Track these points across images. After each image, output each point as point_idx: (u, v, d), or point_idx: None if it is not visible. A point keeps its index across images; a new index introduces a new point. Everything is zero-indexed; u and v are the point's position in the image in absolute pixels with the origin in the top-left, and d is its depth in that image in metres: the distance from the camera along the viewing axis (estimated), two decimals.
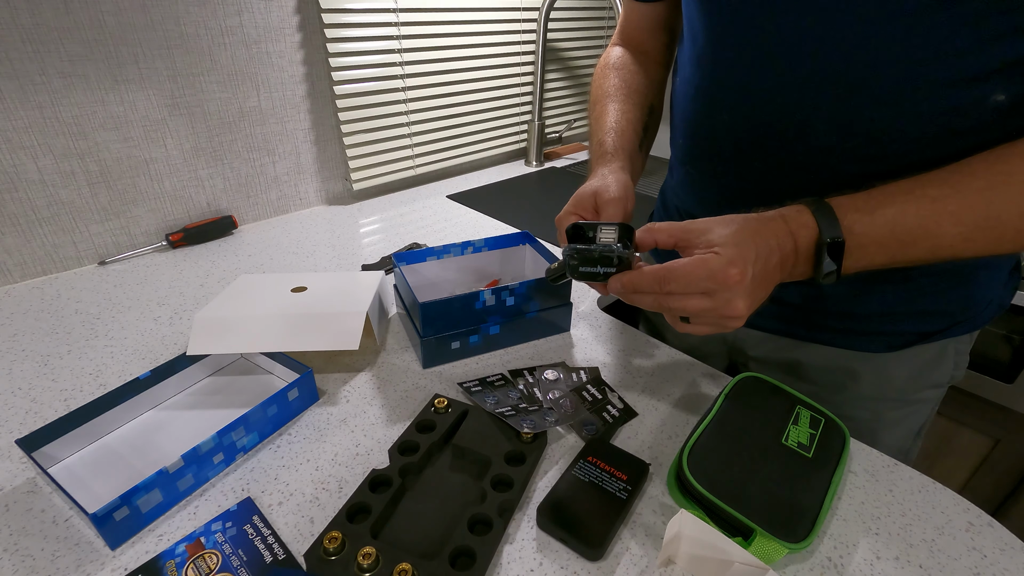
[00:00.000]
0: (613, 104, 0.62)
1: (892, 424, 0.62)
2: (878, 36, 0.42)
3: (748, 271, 0.40)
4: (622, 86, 0.64)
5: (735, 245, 0.41)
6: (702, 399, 0.59)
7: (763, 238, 0.42)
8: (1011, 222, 0.40)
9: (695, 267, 0.41)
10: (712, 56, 0.53)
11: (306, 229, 0.98)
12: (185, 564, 0.40)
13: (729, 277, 0.40)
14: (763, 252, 0.41)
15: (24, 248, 0.77)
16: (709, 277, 0.40)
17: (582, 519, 0.43)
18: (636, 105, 0.62)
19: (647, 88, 0.65)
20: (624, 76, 0.65)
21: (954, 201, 0.40)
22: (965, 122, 0.42)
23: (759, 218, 0.43)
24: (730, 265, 0.40)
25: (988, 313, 0.57)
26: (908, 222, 0.41)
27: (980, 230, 0.40)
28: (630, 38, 0.70)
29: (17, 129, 0.72)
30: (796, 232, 0.43)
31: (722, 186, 0.57)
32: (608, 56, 0.69)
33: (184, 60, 0.82)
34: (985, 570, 0.42)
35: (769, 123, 0.50)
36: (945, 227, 0.40)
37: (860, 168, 0.47)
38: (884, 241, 0.42)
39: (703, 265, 0.40)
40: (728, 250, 0.40)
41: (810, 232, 0.42)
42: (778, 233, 0.43)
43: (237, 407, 0.56)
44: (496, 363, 0.64)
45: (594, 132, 0.63)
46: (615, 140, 0.59)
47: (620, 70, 0.66)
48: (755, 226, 0.42)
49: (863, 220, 0.42)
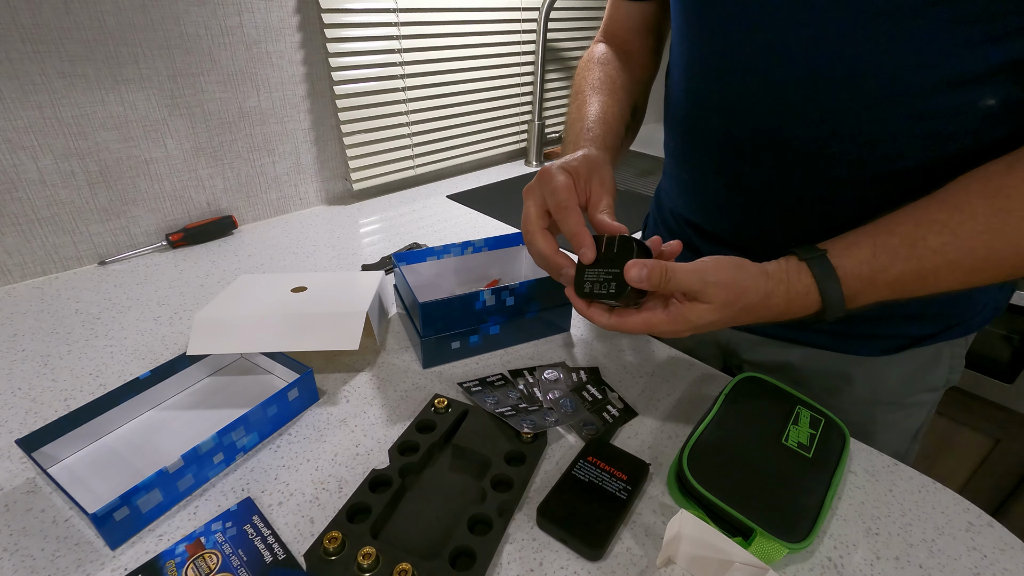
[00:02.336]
0: (599, 96, 0.61)
1: (887, 427, 0.62)
2: (866, 40, 0.41)
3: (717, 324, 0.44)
4: (608, 81, 0.62)
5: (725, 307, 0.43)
6: (702, 399, 0.59)
7: (755, 313, 0.44)
8: (1008, 260, 0.40)
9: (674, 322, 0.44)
10: (701, 60, 0.52)
11: (306, 229, 0.98)
12: (185, 564, 0.40)
13: (701, 325, 0.43)
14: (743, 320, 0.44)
15: (24, 248, 0.77)
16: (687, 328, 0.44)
17: (582, 519, 0.43)
18: (620, 102, 0.61)
19: (632, 87, 0.64)
20: (609, 72, 0.63)
21: (954, 249, 0.40)
22: (955, 126, 0.42)
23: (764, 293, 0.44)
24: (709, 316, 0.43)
25: (983, 317, 0.57)
26: (908, 278, 0.42)
27: (977, 272, 0.41)
28: (615, 36, 0.69)
29: (17, 129, 0.72)
30: (795, 311, 0.44)
31: (712, 189, 0.57)
32: (592, 52, 0.67)
33: (184, 60, 0.82)
34: (985, 570, 0.42)
35: (758, 127, 0.49)
36: (943, 276, 0.41)
37: (849, 172, 0.47)
38: (882, 296, 0.44)
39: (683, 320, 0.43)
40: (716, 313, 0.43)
41: (812, 309, 0.44)
42: (774, 309, 0.44)
43: (237, 407, 0.56)
44: (496, 363, 0.64)
45: (577, 119, 0.60)
46: (602, 131, 0.57)
47: (605, 66, 0.64)
48: (755, 301, 0.43)
49: (866, 290, 0.43)
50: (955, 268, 0.41)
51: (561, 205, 0.47)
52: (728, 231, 0.58)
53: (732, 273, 0.43)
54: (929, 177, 0.44)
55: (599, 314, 0.46)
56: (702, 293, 0.42)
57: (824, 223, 0.49)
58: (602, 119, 0.58)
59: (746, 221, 0.56)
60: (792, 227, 0.52)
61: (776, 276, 0.44)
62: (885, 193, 0.46)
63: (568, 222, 0.46)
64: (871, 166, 0.46)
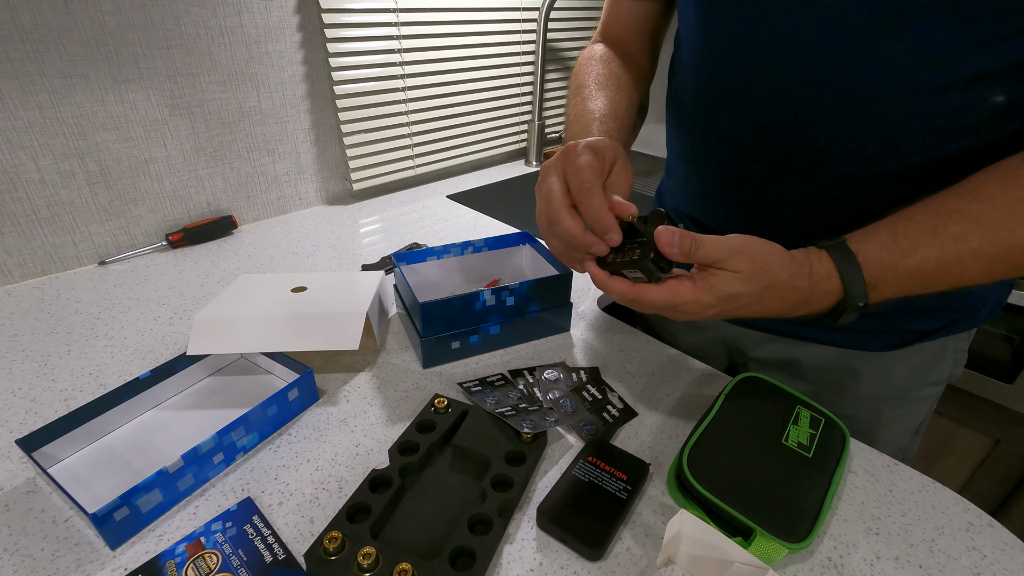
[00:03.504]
0: (606, 92, 0.59)
1: (891, 422, 0.62)
2: (875, 38, 0.42)
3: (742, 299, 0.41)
4: (612, 77, 0.62)
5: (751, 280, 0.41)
6: (702, 399, 0.59)
7: (780, 294, 0.42)
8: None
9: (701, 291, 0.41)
10: (711, 59, 0.53)
11: (306, 229, 0.98)
12: (185, 564, 0.40)
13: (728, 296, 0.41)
14: (770, 304, 0.42)
15: (24, 248, 0.77)
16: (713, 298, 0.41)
17: (582, 519, 0.43)
18: (628, 97, 0.60)
19: (636, 84, 0.63)
20: (613, 69, 0.63)
21: (976, 237, 0.40)
22: (964, 123, 0.42)
23: (791, 273, 0.42)
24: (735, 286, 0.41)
25: (987, 310, 0.57)
26: (930, 266, 0.41)
27: (1000, 261, 0.40)
28: (614, 37, 0.68)
29: (17, 129, 0.72)
30: (819, 299, 0.43)
31: (722, 188, 0.57)
32: (592, 51, 0.67)
33: (184, 60, 0.82)
34: (985, 570, 0.42)
35: (768, 125, 0.50)
36: (967, 264, 0.40)
37: (860, 169, 0.47)
38: (905, 288, 0.42)
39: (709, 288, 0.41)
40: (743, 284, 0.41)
41: (834, 297, 0.42)
42: (799, 292, 0.42)
43: (237, 407, 0.56)
44: (496, 363, 0.64)
45: (583, 112, 0.57)
46: (614, 123, 0.55)
47: (608, 63, 0.64)
48: (782, 279, 0.42)
49: (888, 277, 0.41)
50: (979, 257, 0.40)
51: (585, 186, 0.43)
52: (733, 229, 0.58)
53: (759, 247, 0.42)
54: (936, 174, 0.44)
55: (620, 283, 0.44)
56: (729, 262, 0.41)
57: (830, 220, 0.49)
58: (613, 113, 0.56)
59: (752, 219, 0.56)
60: (797, 225, 0.53)
61: (799, 259, 0.43)
62: (893, 190, 0.47)
63: (592, 205, 0.43)
64: (881, 163, 0.46)
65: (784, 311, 0.43)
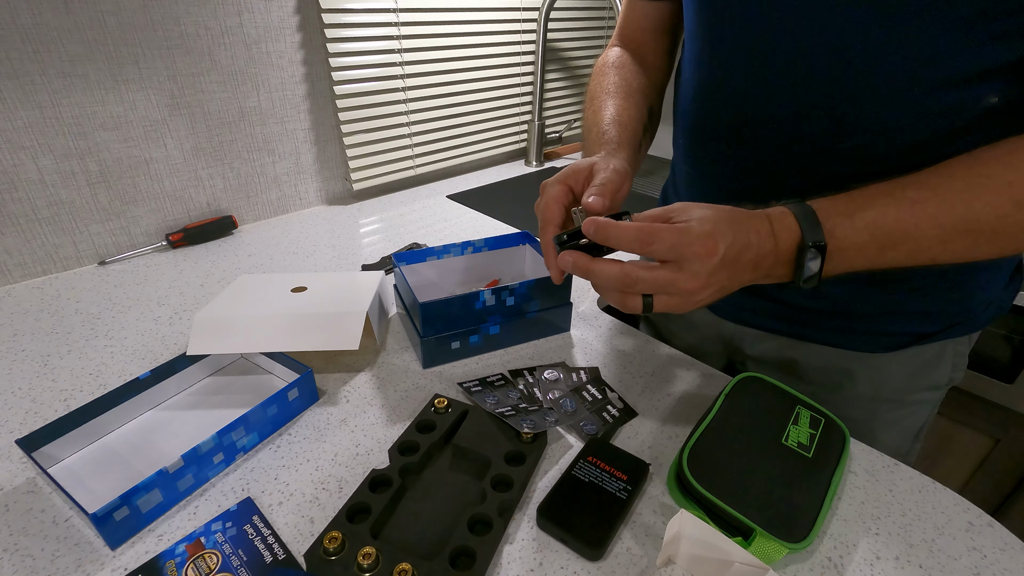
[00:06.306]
0: (614, 100, 0.61)
1: (889, 425, 0.62)
2: (871, 38, 0.42)
3: (720, 248, 0.40)
4: (623, 84, 0.63)
5: (713, 223, 0.41)
6: (702, 399, 0.59)
7: (743, 229, 0.42)
8: (988, 224, 0.40)
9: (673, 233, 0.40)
10: (709, 56, 0.53)
11: (306, 229, 0.98)
12: (185, 564, 0.40)
13: (703, 246, 0.39)
14: (740, 241, 0.41)
15: (24, 248, 0.77)
16: (685, 244, 0.40)
17: (582, 519, 0.43)
18: (636, 104, 0.62)
19: (648, 89, 0.65)
20: (625, 75, 0.64)
21: (933, 203, 0.40)
22: (958, 123, 0.43)
23: (744, 212, 0.43)
24: (706, 237, 0.40)
25: (987, 315, 0.57)
26: (888, 224, 0.41)
27: (958, 233, 0.41)
28: (630, 39, 0.69)
29: (17, 129, 0.72)
30: (778, 234, 0.42)
31: (721, 186, 0.58)
32: (607, 56, 0.68)
33: (184, 60, 0.82)
34: (985, 570, 0.42)
35: (765, 123, 0.50)
36: (924, 229, 0.41)
37: (855, 168, 0.47)
38: (864, 245, 0.42)
39: (684, 232, 0.40)
40: (706, 225, 0.40)
41: (792, 235, 0.42)
42: (759, 230, 0.42)
43: (237, 407, 0.56)
44: (496, 363, 0.64)
45: (593, 124, 0.60)
46: (619, 132, 0.57)
47: (620, 69, 0.65)
48: (738, 216, 0.42)
49: (844, 224, 0.41)
50: (936, 224, 0.40)
51: (546, 219, 0.48)
52: None
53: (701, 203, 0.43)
54: None
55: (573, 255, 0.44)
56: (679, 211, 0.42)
57: None
58: (617, 120, 0.58)
59: None
60: None
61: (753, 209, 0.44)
62: None
63: (543, 235, 0.49)
64: (876, 163, 0.46)
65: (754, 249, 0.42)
